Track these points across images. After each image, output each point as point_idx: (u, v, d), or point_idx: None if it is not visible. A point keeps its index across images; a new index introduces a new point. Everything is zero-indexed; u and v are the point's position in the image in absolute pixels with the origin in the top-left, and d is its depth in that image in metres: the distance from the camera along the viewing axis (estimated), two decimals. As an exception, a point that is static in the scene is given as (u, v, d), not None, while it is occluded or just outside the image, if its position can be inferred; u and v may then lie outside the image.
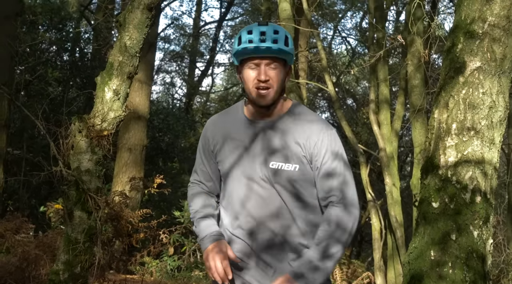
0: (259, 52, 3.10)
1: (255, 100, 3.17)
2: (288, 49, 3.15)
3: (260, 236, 3.18)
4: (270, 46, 3.08)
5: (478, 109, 4.83)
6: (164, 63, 29.72)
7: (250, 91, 3.16)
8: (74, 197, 5.34)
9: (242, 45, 3.13)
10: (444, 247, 4.72)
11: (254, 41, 3.10)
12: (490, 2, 4.92)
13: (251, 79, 3.14)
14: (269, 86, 3.12)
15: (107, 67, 5.51)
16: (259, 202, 3.17)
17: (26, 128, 14.41)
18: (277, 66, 3.15)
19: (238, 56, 3.18)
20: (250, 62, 3.14)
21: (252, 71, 3.14)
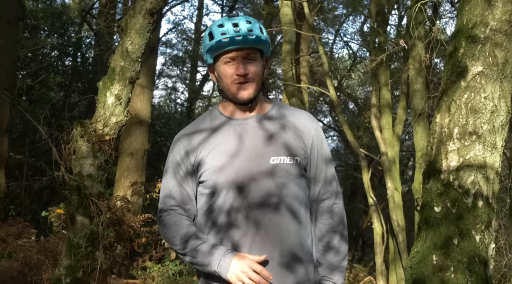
0: (234, 44, 2.88)
1: (235, 97, 2.95)
2: (265, 38, 2.95)
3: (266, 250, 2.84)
4: (245, 35, 2.87)
5: (480, 114, 4.83)
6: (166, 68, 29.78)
7: (228, 88, 2.95)
8: (76, 202, 5.35)
9: (215, 39, 2.89)
10: (446, 251, 4.71)
11: (228, 32, 2.88)
12: (492, 7, 4.92)
13: (228, 75, 2.92)
14: (248, 80, 2.92)
15: (109, 72, 5.52)
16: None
17: (28, 133, 14.43)
18: (254, 57, 2.95)
19: (212, 53, 2.95)
20: (225, 57, 2.92)
21: (228, 67, 2.93)
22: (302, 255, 2.89)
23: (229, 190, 2.88)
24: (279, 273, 2.81)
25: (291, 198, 2.90)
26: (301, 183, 2.96)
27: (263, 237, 2.83)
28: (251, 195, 2.86)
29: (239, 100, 2.95)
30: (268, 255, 2.79)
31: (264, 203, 2.86)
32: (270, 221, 2.85)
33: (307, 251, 2.93)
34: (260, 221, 2.84)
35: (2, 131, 12.33)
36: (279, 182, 2.89)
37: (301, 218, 2.92)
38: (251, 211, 2.85)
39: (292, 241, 2.86)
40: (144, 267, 9.65)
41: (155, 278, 9.64)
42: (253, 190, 2.87)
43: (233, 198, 2.87)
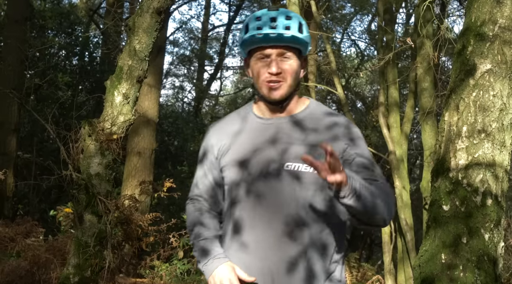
0: (269, 41, 2.72)
1: (266, 96, 2.78)
2: (302, 37, 2.75)
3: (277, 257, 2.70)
4: (281, 33, 2.70)
5: (488, 112, 4.81)
6: (173, 67, 29.79)
7: (260, 86, 2.79)
8: (84, 201, 5.35)
9: (250, 33, 2.75)
10: (455, 250, 4.69)
11: (263, 28, 2.72)
12: (501, 4, 4.90)
13: (260, 73, 2.77)
14: (281, 79, 2.74)
15: (117, 71, 5.53)
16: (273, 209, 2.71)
17: (36, 132, 14.47)
18: (290, 56, 2.76)
19: (246, 47, 2.81)
20: (259, 53, 2.76)
21: (261, 63, 2.76)
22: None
23: (242, 188, 2.79)
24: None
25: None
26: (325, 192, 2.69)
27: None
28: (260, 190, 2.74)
29: (270, 99, 2.80)
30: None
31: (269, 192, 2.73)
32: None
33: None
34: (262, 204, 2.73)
35: (10, 130, 12.38)
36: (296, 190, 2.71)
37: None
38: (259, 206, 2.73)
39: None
40: (152, 266, 9.66)
41: (163, 277, 9.65)
42: (262, 187, 2.74)
43: (244, 193, 2.77)
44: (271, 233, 2.69)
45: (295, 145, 2.74)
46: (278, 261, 2.68)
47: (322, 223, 2.72)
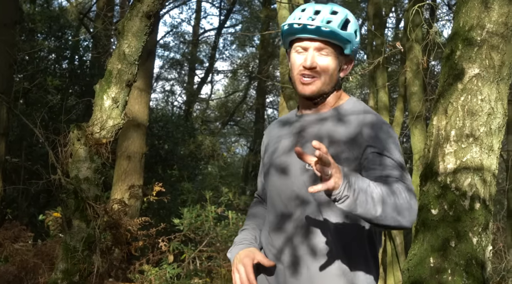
0: (306, 32, 2.62)
1: (298, 89, 2.71)
2: (343, 34, 2.63)
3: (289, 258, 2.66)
4: (320, 26, 2.59)
5: (476, 116, 4.83)
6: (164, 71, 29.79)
7: (294, 79, 2.72)
8: (72, 205, 5.33)
9: (289, 22, 2.66)
10: (444, 254, 4.71)
11: (304, 19, 2.62)
12: (489, 9, 4.92)
13: (295, 65, 2.69)
14: (315, 74, 2.65)
15: (106, 75, 5.51)
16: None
17: (25, 136, 14.42)
18: (329, 52, 2.65)
19: (286, 37, 2.73)
20: (297, 45, 2.68)
21: (298, 56, 2.68)
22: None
23: (269, 187, 2.85)
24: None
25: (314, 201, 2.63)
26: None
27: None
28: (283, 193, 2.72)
29: (301, 94, 2.73)
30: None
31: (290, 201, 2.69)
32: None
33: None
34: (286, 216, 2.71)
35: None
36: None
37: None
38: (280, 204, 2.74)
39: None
40: (141, 271, 9.64)
41: (152, 281, 9.64)
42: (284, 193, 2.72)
43: (273, 197, 2.79)
44: (284, 235, 2.69)
45: (322, 141, 2.61)
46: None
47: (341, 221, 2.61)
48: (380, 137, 2.63)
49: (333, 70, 2.68)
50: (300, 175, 2.66)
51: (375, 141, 2.62)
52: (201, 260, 9.36)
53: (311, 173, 2.61)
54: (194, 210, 10.08)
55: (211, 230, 9.74)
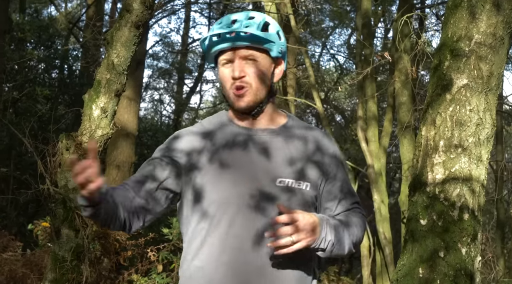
0: (226, 41, 2.47)
1: (234, 105, 2.54)
2: (264, 35, 2.48)
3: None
4: (238, 32, 2.44)
5: (465, 126, 4.84)
6: (153, 80, 29.77)
7: (227, 94, 2.56)
8: (61, 215, 5.32)
9: (208, 37, 2.51)
10: (433, 264, 4.71)
11: (220, 30, 2.48)
12: (477, 20, 4.94)
13: (225, 79, 2.53)
14: (245, 84, 2.49)
15: (95, 84, 5.51)
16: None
17: (14, 145, 14.36)
18: (257, 57, 2.50)
19: (209, 54, 2.57)
20: (222, 58, 2.52)
21: (225, 69, 2.52)
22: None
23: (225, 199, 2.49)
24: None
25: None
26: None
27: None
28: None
29: (238, 108, 2.55)
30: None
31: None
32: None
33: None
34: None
35: (-12, 144, 12.32)
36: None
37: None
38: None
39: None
40: (130, 281, 9.60)
41: (141, 291, 9.60)
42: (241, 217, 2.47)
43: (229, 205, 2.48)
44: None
45: (280, 160, 2.52)
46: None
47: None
48: (338, 159, 2.66)
49: (263, 76, 2.53)
50: (267, 187, 2.49)
51: (336, 163, 2.64)
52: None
53: (281, 188, 2.49)
54: (183, 220, 10.06)
55: (200, 240, 9.72)
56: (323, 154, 2.61)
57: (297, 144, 2.59)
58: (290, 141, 2.59)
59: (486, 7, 4.90)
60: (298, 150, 2.58)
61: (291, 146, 2.58)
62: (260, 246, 2.42)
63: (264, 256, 2.42)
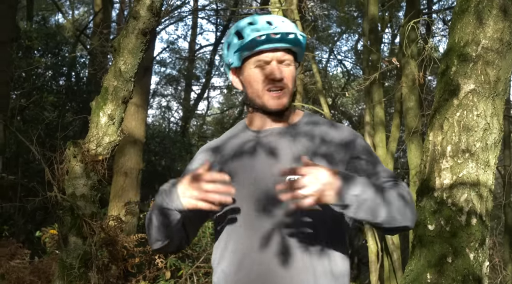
0: (271, 42, 2.47)
1: (267, 105, 2.55)
2: (303, 40, 2.55)
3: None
4: (283, 34, 2.47)
5: (472, 132, 4.84)
6: (160, 87, 29.82)
7: (258, 95, 2.55)
8: (69, 222, 5.32)
9: (248, 37, 2.47)
10: (441, 269, 4.70)
11: (263, 29, 2.47)
12: (484, 25, 4.94)
13: (260, 80, 2.53)
14: (284, 86, 2.53)
15: (102, 92, 5.52)
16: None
17: (22, 153, 14.40)
18: (290, 62, 2.55)
19: (241, 54, 2.55)
20: (257, 59, 2.52)
21: (260, 71, 2.53)
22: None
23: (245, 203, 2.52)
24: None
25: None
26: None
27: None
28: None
29: (270, 109, 2.56)
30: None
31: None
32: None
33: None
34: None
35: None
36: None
37: None
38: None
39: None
40: (138, 287, 9.61)
41: (149, 298, 9.60)
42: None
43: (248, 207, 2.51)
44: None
45: (288, 159, 2.52)
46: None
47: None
48: (353, 145, 2.60)
49: (294, 80, 2.60)
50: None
51: (359, 150, 2.59)
52: (198, 276, 9.32)
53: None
54: (191, 226, 10.07)
55: (208, 246, 9.71)
56: (330, 145, 2.58)
57: (303, 141, 2.58)
58: (296, 139, 2.59)
59: (493, 12, 4.90)
60: (304, 147, 2.56)
61: (298, 144, 2.57)
62: (272, 245, 2.43)
63: (283, 253, 2.42)
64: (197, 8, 24.82)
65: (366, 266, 19.64)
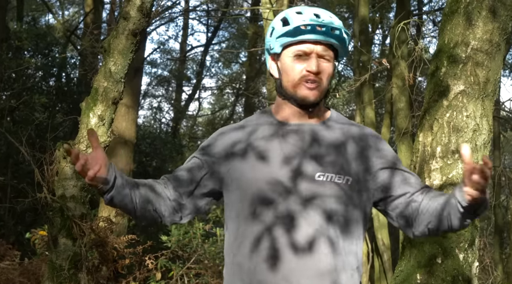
0: (315, 33, 2.43)
1: (299, 97, 2.49)
2: (347, 37, 2.53)
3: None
4: (328, 27, 2.43)
5: (462, 132, 4.85)
6: (151, 88, 29.75)
7: (293, 84, 2.48)
8: (58, 223, 5.31)
9: (294, 24, 2.44)
10: (430, 270, 4.71)
11: (309, 20, 2.43)
12: (473, 26, 4.95)
13: (296, 70, 2.46)
14: (319, 80, 2.47)
15: (92, 92, 5.51)
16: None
17: (11, 154, 14.35)
18: (330, 58, 2.50)
19: (283, 41, 2.50)
20: (298, 49, 2.47)
21: (298, 61, 2.47)
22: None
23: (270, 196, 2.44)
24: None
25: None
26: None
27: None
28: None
29: (302, 100, 2.50)
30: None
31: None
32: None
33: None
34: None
35: (-15, 153, 12.31)
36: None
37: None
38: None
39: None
40: (128, 289, 9.59)
41: (140, 299, 9.58)
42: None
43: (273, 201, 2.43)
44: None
45: (327, 154, 2.48)
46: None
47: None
48: (387, 150, 2.60)
49: (330, 77, 2.54)
50: (308, 183, 2.42)
51: (395, 159, 2.58)
52: (189, 278, 9.32)
53: (319, 182, 2.42)
54: (182, 227, 10.04)
55: (199, 247, 9.71)
56: (366, 148, 2.55)
57: (337, 138, 2.54)
58: (330, 135, 2.54)
59: (483, 14, 4.92)
60: (337, 144, 2.52)
61: (332, 139, 2.53)
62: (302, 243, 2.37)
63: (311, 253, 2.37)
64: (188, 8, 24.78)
65: (356, 266, 19.71)
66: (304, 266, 2.35)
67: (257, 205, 2.44)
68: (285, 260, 2.35)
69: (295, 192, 2.41)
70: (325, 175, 2.41)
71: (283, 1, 12.23)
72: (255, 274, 2.38)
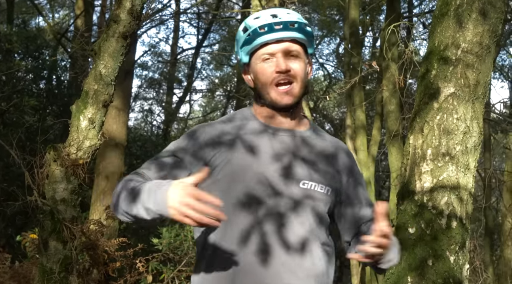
0: (273, 31, 2.41)
1: (274, 101, 2.45)
2: (309, 29, 2.48)
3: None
4: (286, 23, 2.40)
5: (452, 135, 4.86)
6: (142, 90, 29.71)
7: (266, 90, 2.46)
8: (49, 226, 5.29)
9: (251, 29, 2.43)
10: (421, 272, 4.72)
11: (266, 21, 2.41)
12: (463, 29, 4.97)
13: (266, 74, 2.43)
14: (291, 79, 2.42)
15: (82, 95, 5.49)
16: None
17: (1, 157, 14.30)
18: (298, 53, 2.46)
19: (247, 48, 2.49)
20: (262, 53, 2.45)
21: (266, 64, 2.44)
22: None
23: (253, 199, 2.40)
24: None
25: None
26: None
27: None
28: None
29: (278, 104, 2.46)
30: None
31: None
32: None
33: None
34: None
35: (-25, 156, 12.26)
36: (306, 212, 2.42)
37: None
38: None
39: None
40: (119, 292, 9.57)
41: (131, 302, 9.56)
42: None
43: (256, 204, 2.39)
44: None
45: (305, 162, 2.47)
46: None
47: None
48: (358, 170, 2.69)
49: (304, 73, 2.49)
50: (287, 187, 2.42)
51: (357, 176, 2.65)
52: (180, 280, 9.30)
53: (303, 189, 2.43)
54: (173, 230, 10.03)
55: (190, 250, 9.69)
56: (342, 162, 2.59)
57: (320, 149, 2.55)
58: (313, 145, 2.55)
59: (473, 16, 4.93)
60: (322, 155, 2.54)
61: (315, 150, 2.53)
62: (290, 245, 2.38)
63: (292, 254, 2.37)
64: (178, 11, 24.75)
65: (348, 269, 19.69)
66: (296, 266, 2.36)
67: (245, 196, 2.39)
68: (276, 257, 2.34)
69: (285, 191, 2.41)
70: (309, 184, 2.43)
71: (273, 3, 12.23)
72: (243, 265, 2.34)
